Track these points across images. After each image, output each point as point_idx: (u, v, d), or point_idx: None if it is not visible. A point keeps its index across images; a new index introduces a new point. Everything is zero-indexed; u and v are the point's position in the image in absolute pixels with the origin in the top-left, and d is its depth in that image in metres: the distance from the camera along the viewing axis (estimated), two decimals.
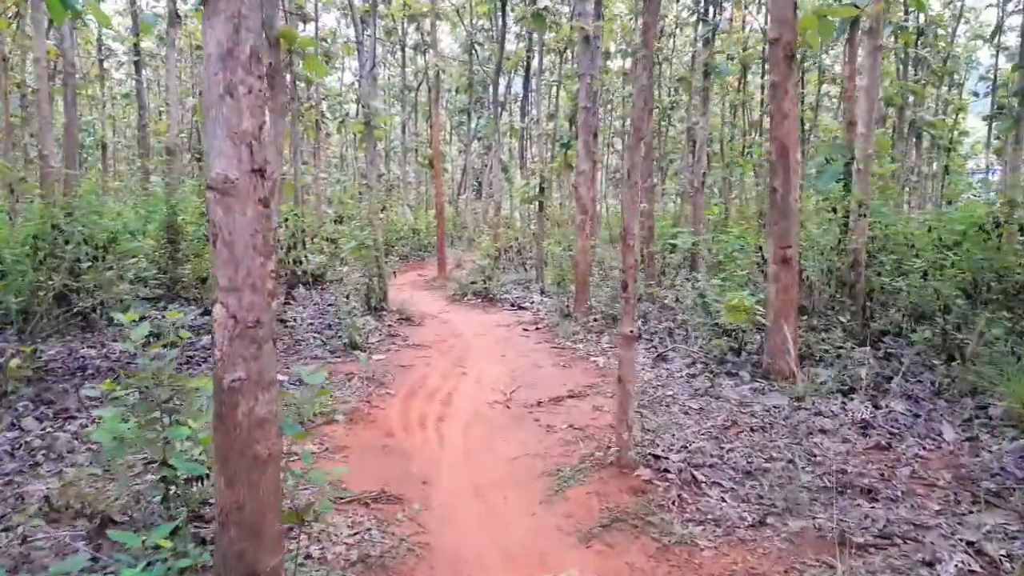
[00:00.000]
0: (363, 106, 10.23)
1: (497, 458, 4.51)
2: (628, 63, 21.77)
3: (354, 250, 9.84)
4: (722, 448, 4.56)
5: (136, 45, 15.73)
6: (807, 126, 19.61)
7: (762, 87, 26.54)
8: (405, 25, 27.52)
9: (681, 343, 7.93)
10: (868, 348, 6.82)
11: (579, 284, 9.33)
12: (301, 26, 23.20)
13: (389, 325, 9.74)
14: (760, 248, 8.91)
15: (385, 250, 22.44)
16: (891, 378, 6.24)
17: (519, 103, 23.70)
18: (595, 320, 9.01)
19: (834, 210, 7.97)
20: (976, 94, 25.83)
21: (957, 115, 24.33)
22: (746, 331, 7.21)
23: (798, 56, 7.72)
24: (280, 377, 6.90)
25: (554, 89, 25.65)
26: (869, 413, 5.29)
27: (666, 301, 10.95)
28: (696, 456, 4.39)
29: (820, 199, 9.15)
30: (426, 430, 5.07)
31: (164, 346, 7.35)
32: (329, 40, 24.16)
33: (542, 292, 13.46)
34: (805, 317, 7.63)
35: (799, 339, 6.55)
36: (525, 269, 15.44)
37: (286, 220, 8.57)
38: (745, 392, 5.91)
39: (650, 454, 4.33)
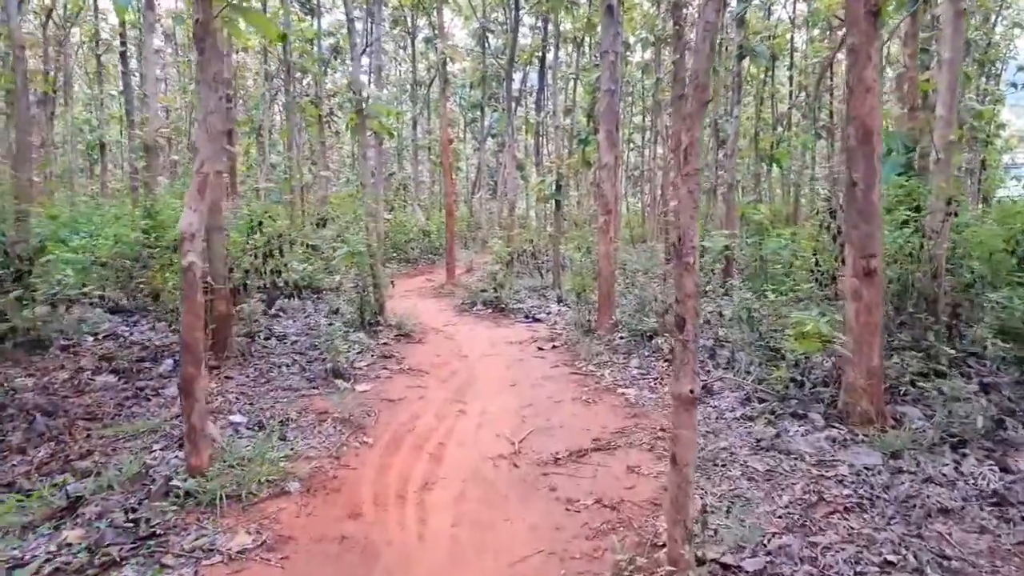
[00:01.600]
0: (353, 92, 9.02)
1: (497, 560, 3.23)
2: (648, 54, 20.43)
3: (345, 257, 8.63)
4: (813, 544, 3.25)
5: (122, 35, 14.67)
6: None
7: (790, 78, 25.08)
8: (415, 17, 26.37)
9: (726, 367, 6.61)
10: (971, 382, 5.48)
11: (602, 295, 8.05)
12: (309, 20, 22.15)
13: (384, 343, 8.51)
14: (816, 255, 7.57)
15: (391, 254, 21.33)
16: (1002, 420, 4.90)
17: (534, 97, 22.42)
18: (622, 338, 7.71)
19: (916, 208, 6.60)
20: (1015, 85, 24.13)
21: (995, 107, 22.74)
22: (808, 356, 5.88)
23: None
24: (236, 418, 5.71)
25: (571, 83, 24.39)
26: (998, 479, 3.96)
27: (702, 312, 9.63)
28: (780, 561, 3.09)
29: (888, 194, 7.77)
30: (404, 506, 3.81)
31: (115, 373, 5.93)
32: (339, 35, 23.07)
33: (559, 301, 12.18)
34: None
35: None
36: (541, 274, 14.16)
37: (259, 224, 7.36)
38: (822, 443, 4.59)
39: (715, 561, 3.04)
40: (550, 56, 20.29)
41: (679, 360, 2.85)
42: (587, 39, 23.48)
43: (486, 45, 27.57)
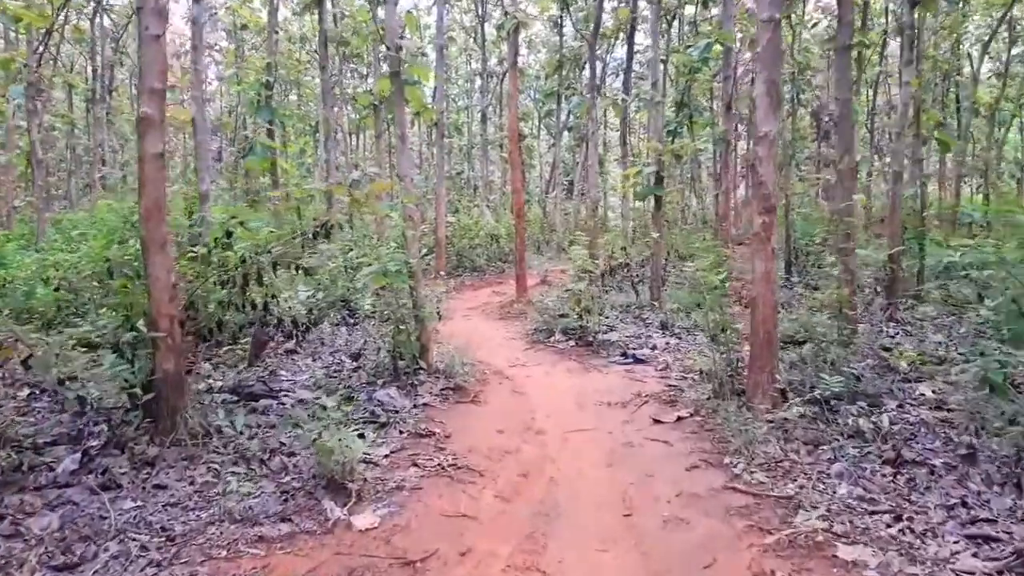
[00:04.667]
0: (387, 47, 6.38)
1: None
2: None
3: (375, 278, 6.03)
4: None
5: None
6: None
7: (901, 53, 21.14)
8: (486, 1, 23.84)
9: (947, 454, 3.61)
10: None
11: (759, 340, 5.09)
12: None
13: (424, 405, 5.83)
14: None
15: (455, 261, 18.72)
16: None
17: (620, 78, 19.47)
18: (800, 414, 4.68)
19: None
20: None
21: None
22: None
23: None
24: None
25: (660, 67, 21.17)
26: None
27: (878, 349, 6.54)
28: None
29: None
30: None
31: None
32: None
33: (664, 328, 9.23)
34: None
35: None
36: (636, 290, 11.20)
37: (226, 236, 4.77)
38: None
39: None
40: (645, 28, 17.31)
41: None
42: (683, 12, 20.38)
43: (563, 27, 24.79)
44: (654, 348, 8.13)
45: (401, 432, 5.11)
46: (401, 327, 6.28)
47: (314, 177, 21.14)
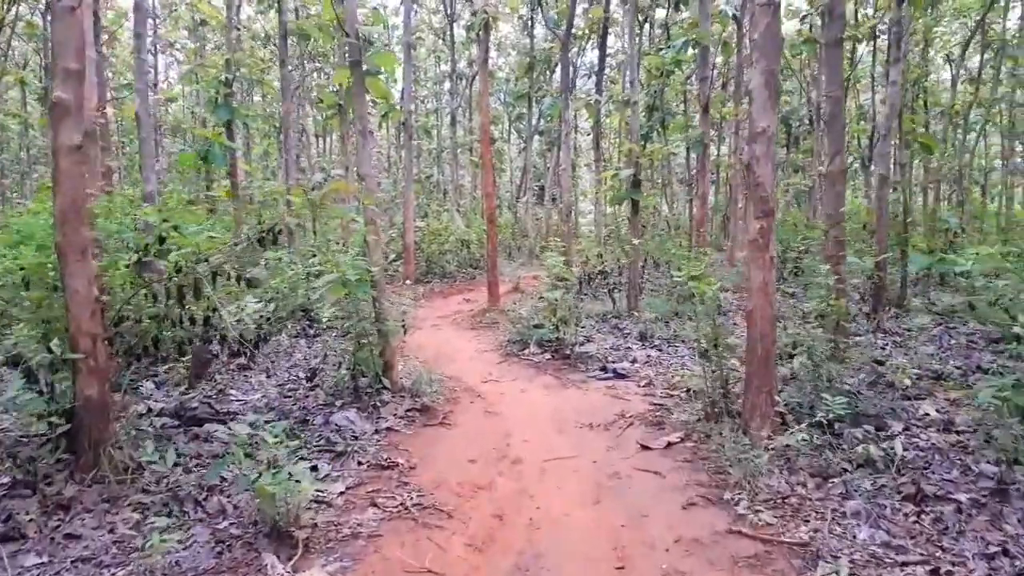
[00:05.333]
0: (345, 34, 5.80)
1: None
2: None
3: (333, 288, 5.45)
4: None
5: None
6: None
7: (888, 50, 21.14)
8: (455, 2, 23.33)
9: (969, 486, 3.20)
10: None
11: (757, 359, 4.62)
12: None
13: (387, 429, 5.27)
14: None
15: (425, 268, 18.08)
16: None
17: (593, 79, 19.15)
18: (803, 440, 4.22)
19: None
20: None
21: None
22: None
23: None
24: None
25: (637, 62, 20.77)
26: None
27: (871, 362, 6.18)
28: None
29: None
30: None
31: None
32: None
33: (643, 339, 8.79)
34: None
35: None
36: (612, 299, 10.75)
37: (159, 241, 4.15)
38: None
39: None
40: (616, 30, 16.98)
41: None
42: (654, 15, 20.07)
43: (533, 28, 24.38)
44: (634, 362, 7.67)
45: (360, 463, 4.54)
46: (362, 342, 5.71)
47: (278, 180, 20.36)
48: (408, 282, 15.56)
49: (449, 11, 23.43)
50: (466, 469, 4.49)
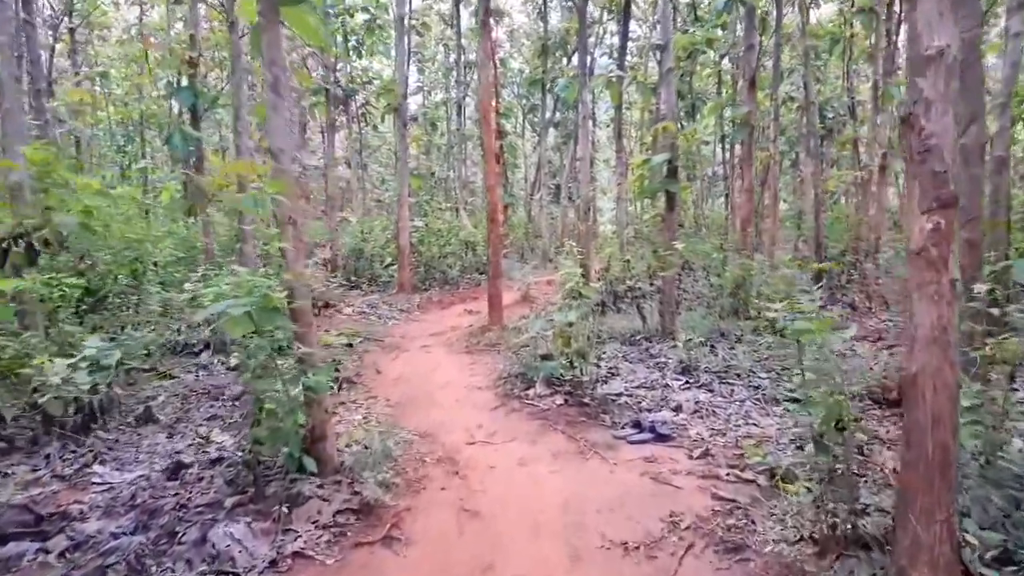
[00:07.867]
0: None
1: None
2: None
3: (230, 323, 3.47)
4: None
5: None
6: None
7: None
8: None
9: None
10: None
11: (926, 462, 2.56)
12: None
13: (295, 555, 3.24)
14: None
15: (424, 273, 16.00)
16: None
17: (615, 57, 17.04)
18: None
19: None
20: None
21: None
22: None
23: None
24: None
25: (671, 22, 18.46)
26: None
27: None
28: None
29: None
30: None
31: None
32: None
33: (686, 372, 6.69)
34: None
35: None
36: (642, 315, 8.63)
37: None
38: None
39: None
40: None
41: None
42: None
43: (547, 11, 22.31)
44: (678, 410, 5.57)
45: None
46: (269, 407, 3.68)
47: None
48: (395, 291, 13.55)
49: None
50: None
